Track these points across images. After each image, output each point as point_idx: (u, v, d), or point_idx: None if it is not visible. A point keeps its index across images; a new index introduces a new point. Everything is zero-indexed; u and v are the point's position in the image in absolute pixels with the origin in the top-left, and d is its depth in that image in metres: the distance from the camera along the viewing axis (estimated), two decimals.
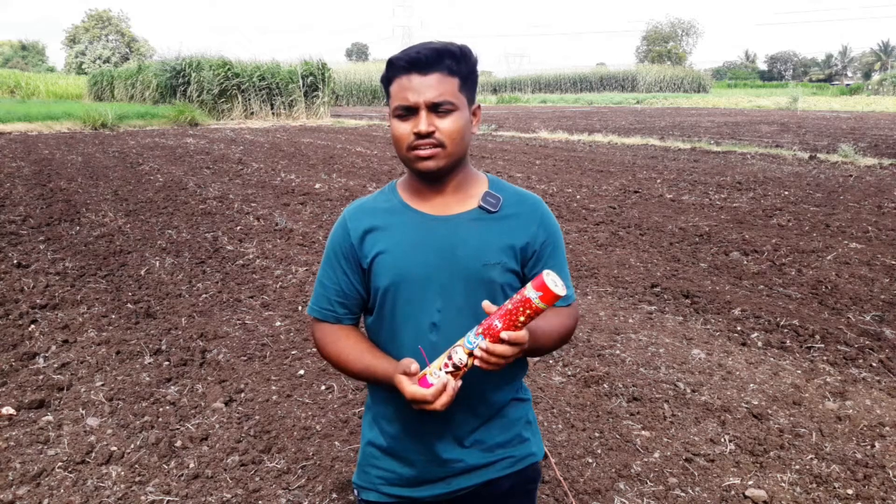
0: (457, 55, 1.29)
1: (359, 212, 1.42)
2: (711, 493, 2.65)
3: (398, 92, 1.29)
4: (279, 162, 12.75)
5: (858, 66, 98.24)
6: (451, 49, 1.29)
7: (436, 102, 1.27)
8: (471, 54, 1.33)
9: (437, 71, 1.27)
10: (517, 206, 1.41)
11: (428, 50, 1.27)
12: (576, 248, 6.28)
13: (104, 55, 69.39)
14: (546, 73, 63.85)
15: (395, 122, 1.31)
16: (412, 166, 1.34)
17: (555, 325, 1.39)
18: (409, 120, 1.29)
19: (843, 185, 9.50)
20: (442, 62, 1.28)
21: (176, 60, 27.78)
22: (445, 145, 1.30)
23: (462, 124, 1.31)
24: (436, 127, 1.28)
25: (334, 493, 2.67)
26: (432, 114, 1.28)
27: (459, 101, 1.30)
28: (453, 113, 1.29)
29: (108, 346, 4.05)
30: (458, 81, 1.30)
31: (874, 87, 54.63)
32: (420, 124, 1.27)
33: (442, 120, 1.29)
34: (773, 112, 31.79)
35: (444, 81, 1.28)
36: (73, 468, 2.80)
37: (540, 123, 23.79)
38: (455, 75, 1.30)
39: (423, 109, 1.27)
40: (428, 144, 1.29)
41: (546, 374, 3.69)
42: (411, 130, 1.29)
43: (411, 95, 1.27)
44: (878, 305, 4.66)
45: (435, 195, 1.38)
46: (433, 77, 1.27)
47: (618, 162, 12.46)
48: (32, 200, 8.58)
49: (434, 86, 1.27)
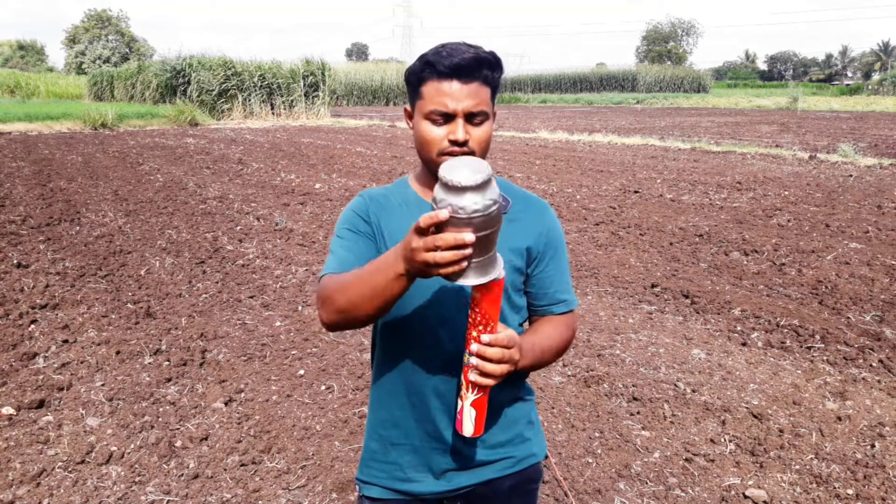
0: (493, 64, 1.29)
1: (377, 196, 1.43)
2: (711, 493, 2.65)
3: (435, 96, 1.28)
4: (279, 162, 12.75)
5: (858, 66, 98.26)
6: (489, 58, 1.28)
7: (473, 112, 1.28)
8: (502, 63, 1.33)
9: (476, 80, 1.27)
10: (524, 209, 1.43)
11: (469, 57, 1.26)
12: (576, 248, 6.28)
13: (104, 55, 69.37)
14: (546, 73, 63.79)
15: (427, 125, 1.30)
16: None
17: (555, 337, 1.41)
18: (442, 125, 1.29)
19: (843, 185, 9.50)
20: (481, 71, 1.27)
21: (176, 60, 27.78)
22: (476, 153, 1.31)
23: (491, 133, 1.34)
24: (470, 135, 1.29)
25: (334, 493, 2.67)
26: (467, 122, 1.29)
27: (490, 111, 1.32)
28: (486, 122, 1.31)
29: (108, 346, 4.05)
30: (491, 90, 1.31)
31: (874, 87, 54.64)
32: (458, 132, 1.27)
33: (476, 128, 1.29)
34: (773, 112, 31.80)
35: (481, 91, 1.28)
36: (73, 468, 2.80)
37: (540, 123, 23.79)
38: (489, 84, 1.30)
39: (460, 117, 1.28)
40: (461, 152, 1.29)
41: (546, 374, 3.69)
42: (446, 136, 1.29)
43: (451, 102, 1.27)
44: (878, 305, 4.66)
45: None
46: (473, 86, 1.27)
47: (618, 162, 12.46)
48: (32, 200, 8.58)
49: (473, 95, 1.27)
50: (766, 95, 48.24)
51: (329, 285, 1.30)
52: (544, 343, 1.37)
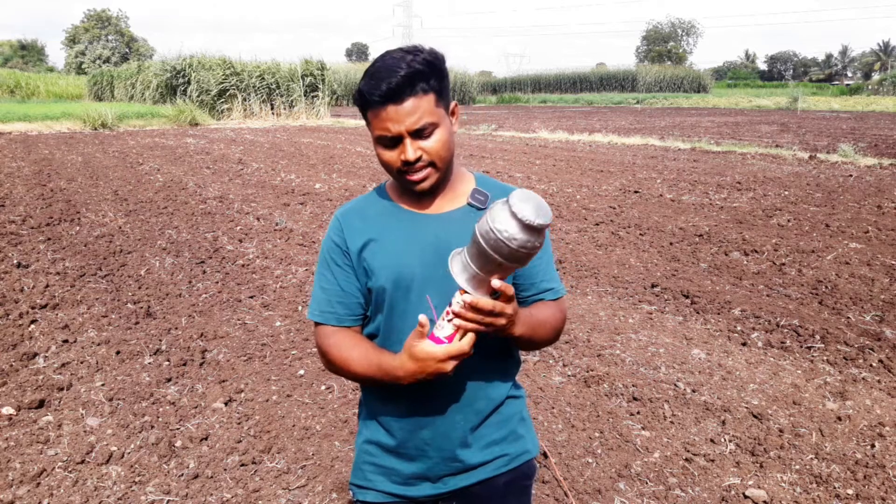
0: (426, 73, 1.26)
1: (351, 213, 1.43)
2: (711, 493, 2.65)
3: (377, 123, 1.28)
4: (279, 162, 12.75)
5: (858, 66, 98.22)
6: (420, 69, 1.25)
7: (417, 129, 1.26)
8: (438, 61, 1.29)
9: (411, 96, 1.25)
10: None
11: (398, 78, 1.23)
12: (576, 248, 6.28)
13: (104, 55, 69.39)
14: (546, 73, 63.76)
15: (380, 149, 1.32)
16: (407, 187, 1.35)
17: (549, 315, 1.41)
18: (393, 148, 1.30)
19: (843, 185, 9.49)
20: (414, 86, 1.25)
21: (176, 60, 27.78)
22: (436, 164, 1.31)
23: (447, 137, 1.31)
24: (422, 150, 1.28)
25: (334, 493, 2.67)
26: (416, 139, 1.28)
27: (439, 116, 1.29)
28: (436, 130, 1.29)
29: (108, 346, 4.05)
30: (434, 96, 1.28)
31: (874, 87, 54.63)
32: (407, 153, 1.27)
33: (426, 141, 1.28)
34: (773, 112, 31.80)
35: (420, 104, 1.26)
36: (73, 468, 2.80)
37: (540, 123, 23.79)
38: (429, 92, 1.27)
39: (406, 137, 1.27)
40: (418, 168, 1.30)
41: (546, 374, 3.69)
42: (398, 157, 1.29)
43: (392, 126, 1.26)
44: (878, 305, 4.66)
45: (425, 195, 1.39)
46: (409, 103, 1.25)
47: (618, 162, 12.46)
48: (32, 200, 8.58)
49: (411, 112, 1.25)
50: (766, 95, 48.22)
51: (331, 355, 1.40)
52: (539, 316, 1.37)
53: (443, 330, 1.22)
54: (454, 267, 1.20)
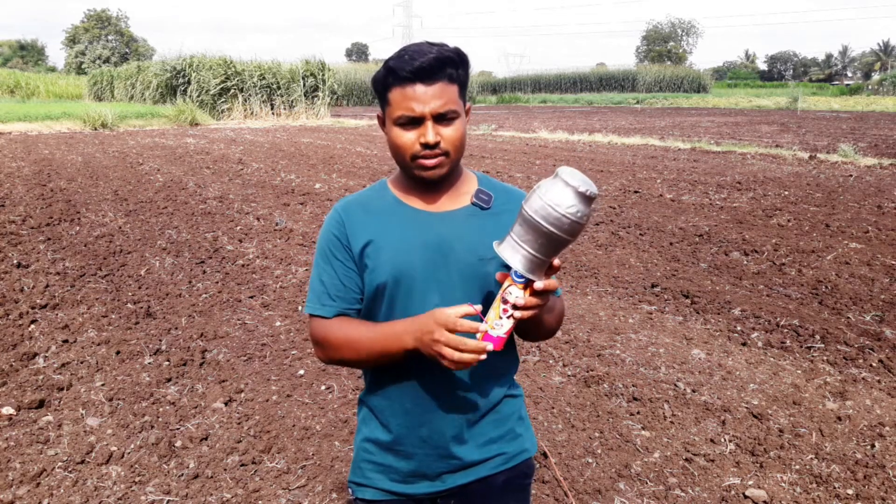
0: (456, 61, 1.28)
1: (352, 206, 1.42)
2: (711, 493, 2.65)
3: (401, 101, 1.27)
4: (279, 162, 12.75)
5: (858, 66, 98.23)
6: (451, 56, 1.27)
7: (441, 113, 1.27)
8: (467, 58, 1.32)
9: (441, 80, 1.27)
10: (506, 202, 1.43)
11: (431, 58, 1.25)
12: (576, 248, 6.28)
13: (104, 55, 69.42)
14: (546, 73, 63.78)
15: (397, 131, 1.30)
16: (415, 174, 1.34)
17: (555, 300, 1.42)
18: (412, 129, 1.29)
19: (843, 185, 9.49)
20: (444, 70, 1.27)
21: (176, 60, 27.79)
22: (450, 153, 1.31)
23: (464, 130, 1.33)
24: (441, 136, 1.29)
25: (334, 493, 2.67)
26: (437, 123, 1.28)
27: (460, 108, 1.31)
28: (456, 120, 1.30)
29: (108, 346, 4.05)
30: (458, 88, 1.30)
31: (874, 87, 54.64)
32: (427, 135, 1.27)
33: (446, 128, 1.29)
34: (773, 112, 31.80)
35: (447, 90, 1.27)
36: (73, 468, 2.80)
37: (540, 123, 23.79)
38: (455, 82, 1.29)
39: (428, 120, 1.27)
40: (434, 154, 1.29)
41: (546, 374, 3.69)
42: (416, 140, 1.29)
43: (417, 106, 1.26)
44: (878, 305, 4.66)
45: (429, 193, 1.39)
46: (437, 86, 1.26)
47: (618, 162, 12.46)
48: (32, 200, 8.58)
49: (439, 95, 1.26)
50: (766, 95, 48.24)
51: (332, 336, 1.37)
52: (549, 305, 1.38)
53: (501, 328, 1.19)
54: (511, 257, 1.16)
